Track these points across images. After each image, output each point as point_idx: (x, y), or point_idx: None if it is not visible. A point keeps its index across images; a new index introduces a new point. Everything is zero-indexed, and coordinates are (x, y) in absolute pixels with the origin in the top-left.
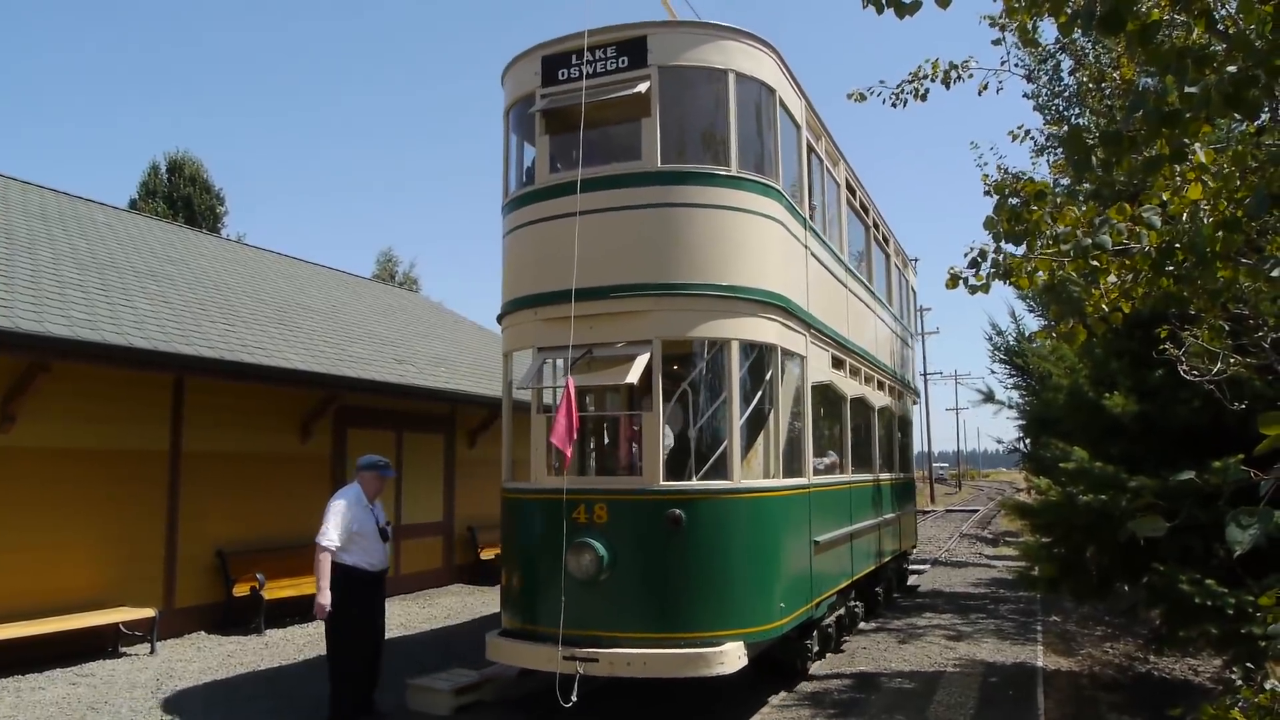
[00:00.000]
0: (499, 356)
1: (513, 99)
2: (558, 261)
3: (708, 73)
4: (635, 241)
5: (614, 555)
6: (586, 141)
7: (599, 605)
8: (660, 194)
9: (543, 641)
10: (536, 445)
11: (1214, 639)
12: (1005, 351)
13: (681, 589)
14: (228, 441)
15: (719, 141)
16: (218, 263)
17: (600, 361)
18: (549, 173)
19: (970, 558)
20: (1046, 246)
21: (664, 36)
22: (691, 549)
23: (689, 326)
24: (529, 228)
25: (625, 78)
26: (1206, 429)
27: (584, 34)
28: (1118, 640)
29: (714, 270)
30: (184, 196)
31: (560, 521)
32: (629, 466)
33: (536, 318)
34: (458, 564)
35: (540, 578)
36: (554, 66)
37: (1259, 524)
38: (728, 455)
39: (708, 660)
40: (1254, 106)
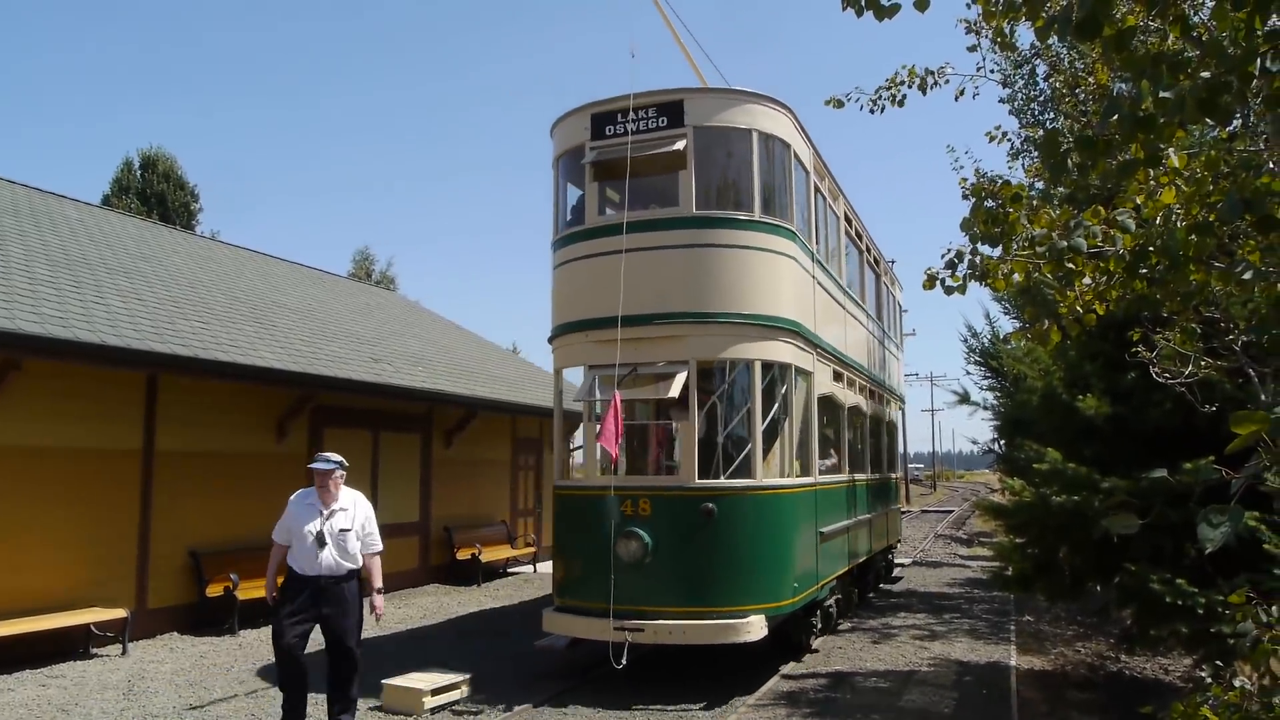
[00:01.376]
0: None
1: (562, 149)
2: (605, 291)
3: (735, 132)
4: (673, 276)
5: (656, 542)
6: (630, 189)
7: (644, 584)
8: (694, 236)
9: (595, 615)
10: (588, 449)
11: (1184, 638)
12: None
13: (713, 570)
14: (202, 441)
15: (744, 190)
16: (192, 260)
17: (642, 378)
18: (597, 215)
19: (945, 558)
20: (1022, 248)
21: (698, 100)
22: (721, 537)
23: (719, 349)
24: (579, 262)
25: (664, 135)
26: (1178, 431)
27: (629, 96)
28: (1090, 639)
29: (740, 301)
30: (158, 193)
31: (612, 511)
32: (658, 467)
33: (587, 340)
34: (434, 564)
35: (592, 561)
36: (602, 123)
37: (1229, 522)
38: (751, 457)
39: (736, 630)
40: (1227, 112)
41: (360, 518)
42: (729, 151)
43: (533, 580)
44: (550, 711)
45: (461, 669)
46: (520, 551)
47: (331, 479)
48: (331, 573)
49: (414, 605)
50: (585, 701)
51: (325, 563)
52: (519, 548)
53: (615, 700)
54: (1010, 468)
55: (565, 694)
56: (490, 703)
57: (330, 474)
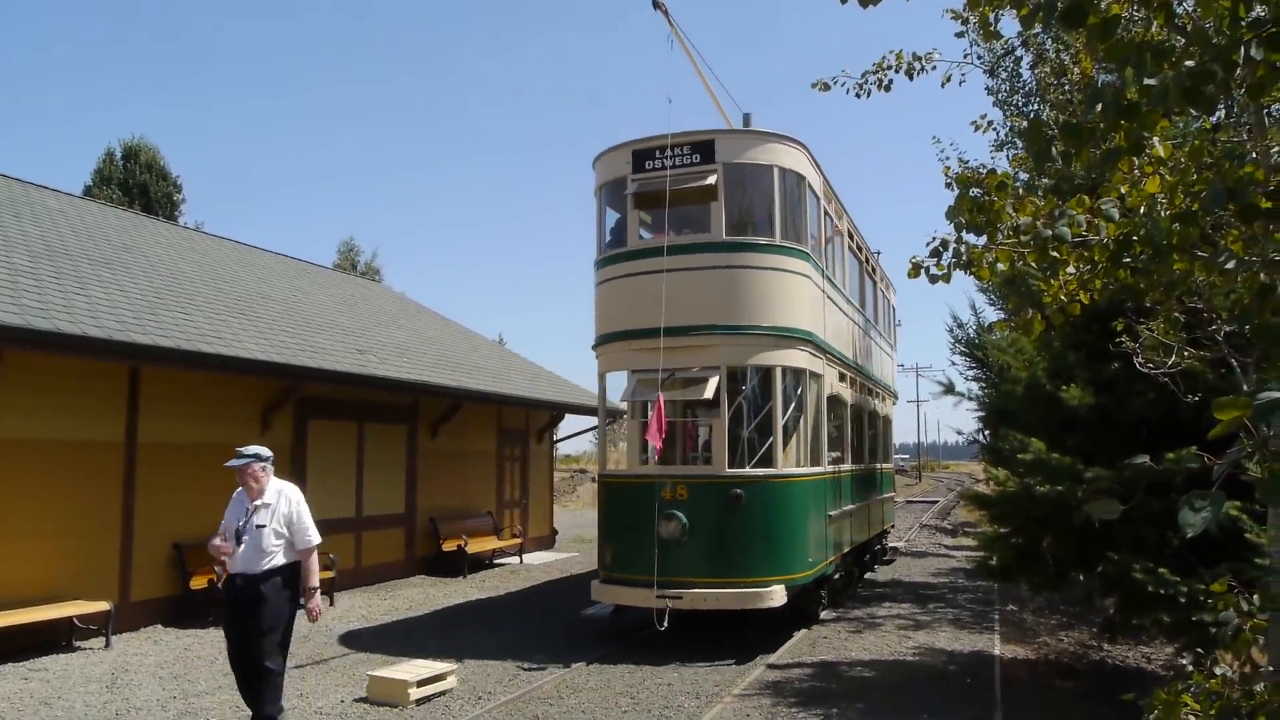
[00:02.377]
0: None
1: (604, 180)
2: (646, 305)
3: (759, 168)
4: (706, 292)
5: (693, 522)
6: (665, 218)
7: (681, 559)
8: (724, 258)
9: (639, 585)
10: (631, 442)
11: (1166, 626)
12: (965, 344)
13: (740, 546)
14: (185, 433)
15: (766, 218)
16: (175, 251)
17: (679, 381)
18: (639, 239)
19: (930, 548)
20: (1007, 237)
21: (727, 140)
22: (748, 518)
23: (746, 356)
24: (622, 279)
25: (698, 170)
26: (1161, 421)
27: (667, 135)
28: (1073, 629)
29: (763, 315)
30: (140, 183)
31: (656, 497)
32: (685, 458)
33: (629, 347)
34: (419, 556)
35: (636, 539)
36: (642, 158)
37: (1211, 507)
38: (773, 449)
39: (761, 597)
40: (1211, 101)
41: (282, 511)
42: (754, 184)
43: (519, 572)
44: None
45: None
46: (506, 543)
47: (249, 473)
48: (246, 572)
49: (399, 597)
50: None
51: (240, 562)
52: (505, 539)
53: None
54: (995, 458)
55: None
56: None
57: (246, 468)
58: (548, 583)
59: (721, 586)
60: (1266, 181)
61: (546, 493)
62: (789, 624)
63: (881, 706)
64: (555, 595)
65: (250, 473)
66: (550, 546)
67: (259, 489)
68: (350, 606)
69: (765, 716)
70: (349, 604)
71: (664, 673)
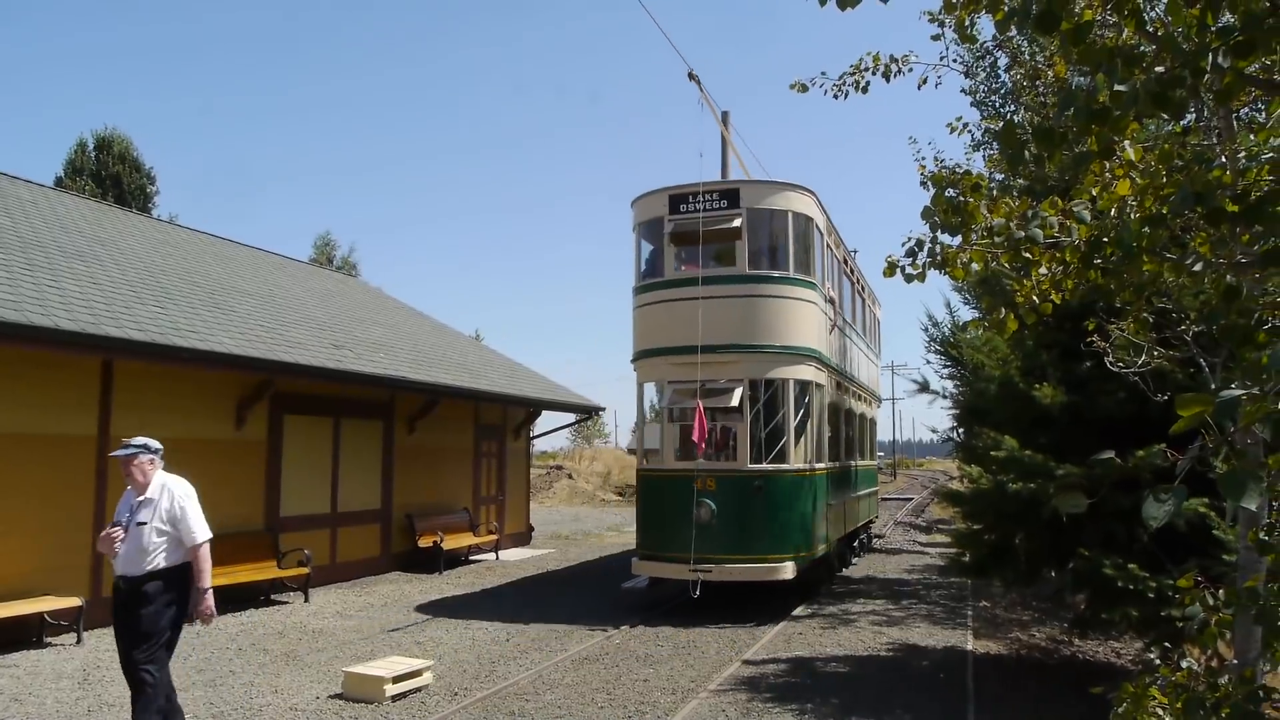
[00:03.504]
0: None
1: (642, 219)
2: (680, 326)
3: (776, 213)
4: (732, 317)
5: (720, 509)
6: (694, 251)
7: (711, 539)
8: (747, 289)
9: (675, 561)
10: (668, 441)
11: (1135, 621)
12: (940, 343)
13: (760, 529)
14: (159, 427)
15: (781, 254)
16: (149, 244)
17: (708, 390)
18: (674, 270)
19: (904, 545)
20: (981, 238)
21: (750, 189)
22: (766, 505)
23: (765, 371)
24: (659, 304)
25: (725, 214)
26: (1131, 419)
27: (699, 184)
28: (1044, 624)
29: (779, 336)
30: (113, 175)
31: (689, 488)
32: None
33: (666, 362)
34: (395, 552)
35: (673, 523)
36: (676, 202)
37: (1174, 500)
38: (786, 448)
39: (776, 571)
40: (1180, 106)
41: (164, 507)
42: (771, 226)
43: (495, 568)
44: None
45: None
46: (483, 539)
47: (134, 465)
48: (125, 573)
49: (375, 593)
50: (669, 624)
51: (121, 563)
52: (481, 535)
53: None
54: (969, 456)
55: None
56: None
57: (131, 460)
58: (526, 579)
59: (744, 562)
60: (1234, 185)
61: (523, 489)
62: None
63: (856, 702)
64: (539, 588)
65: (136, 465)
66: (527, 543)
67: (144, 483)
68: (325, 603)
69: (741, 712)
70: (324, 600)
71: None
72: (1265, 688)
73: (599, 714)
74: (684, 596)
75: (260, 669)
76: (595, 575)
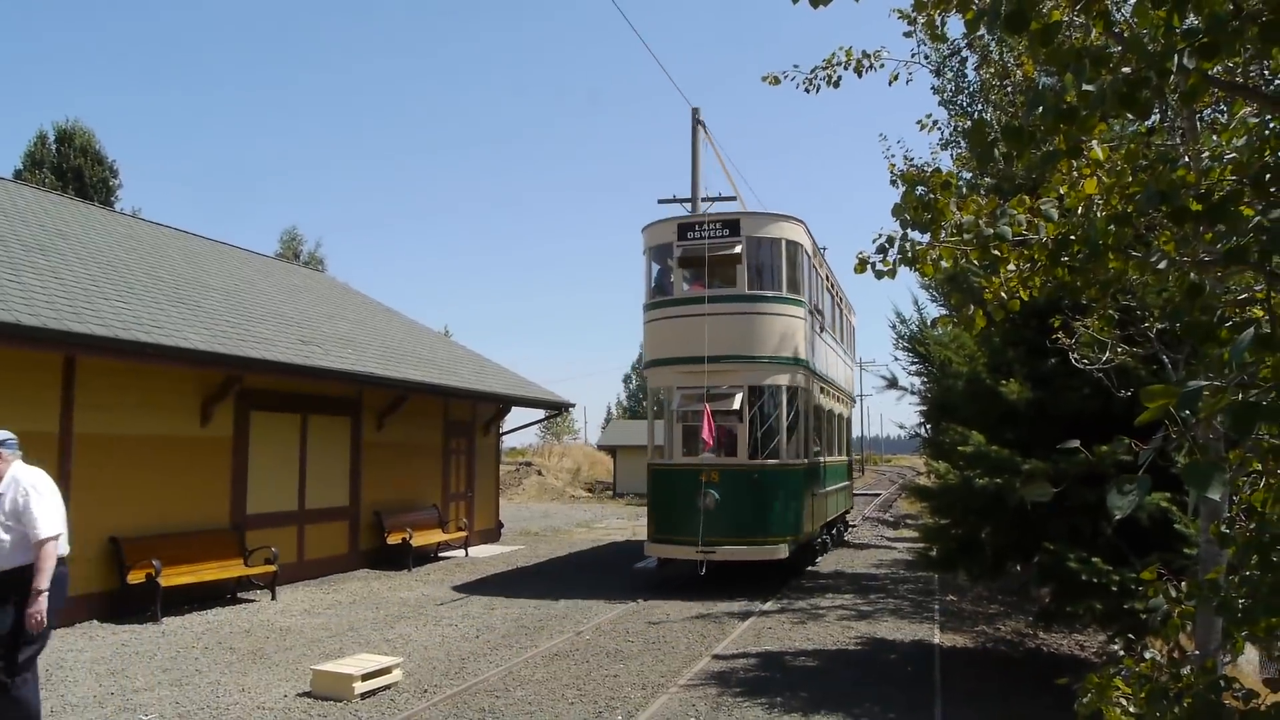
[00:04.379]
0: (407, 337)
1: (652, 244)
2: (688, 339)
3: (772, 240)
4: (732, 331)
5: (723, 498)
6: (700, 273)
7: (715, 524)
8: (745, 306)
9: (684, 544)
10: (676, 439)
11: (1099, 614)
12: (909, 339)
13: (758, 515)
14: (122, 424)
15: (775, 276)
16: (112, 238)
17: (713, 396)
18: (682, 290)
19: (872, 540)
20: (950, 235)
21: (749, 219)
22: (763, 494)
23: (761, 378)
24: (668, 319)
25: (727, 241)
26: (1096, 415)
27: (705, 215)
28: (1010, 618)
29: (773, 348)
30: (74, 168)
31: (697, 480)
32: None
33: (674, 371)
34: (363, 549)
35: (683, 510)
36: (684, 230)
37: (1137, 491)
38: (779, 445)
39: (771, 551)
40: (1146, 106)
41: (10, 498)
42: (767, 251)
43: (464, 565)
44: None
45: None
46: (452, 536)
47: None
48: None
49: (343, 590)
50: (678, 598)
51: None
52: (450, 532)
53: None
54: (936, 451)
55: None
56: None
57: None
58: (495, 575)
59: (744, 544)
60: (1197, 184)
61: (492, 486)
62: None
63: (825, 695)
64: (506, 585)
65: None
66: (496, 540)
67: None
68: (293, 601)
69: (711, 706)
70: (291, 598)
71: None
72: (1226, 678)
73: (569, 710)
74: (690, 575)
75: (227, 668)
76: (570, 568)
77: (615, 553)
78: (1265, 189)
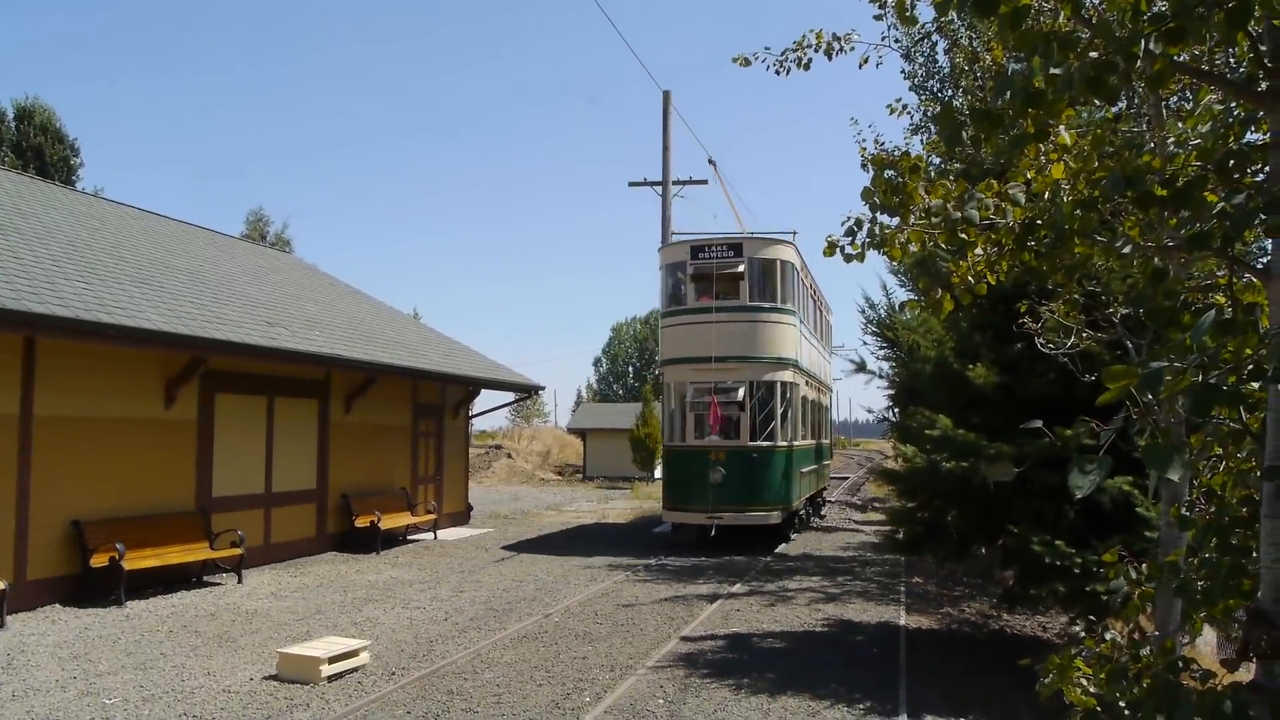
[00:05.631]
0: (375, 319)
1: (668, 262)
2: (699, 341)
3: (770, 260)
4: (736, 335)
5: (728, 472)
6: (709, 286)
7: (722, 494)
8: (748, 315)
9: (696, 511)
10: (689, 424)
11: (1062, 596)
12: (877, 324)
13: (756, 487)
14: (85, 406)
15: (772, 290)
16: (73, 217)
17: (720, 389)
18: (694, 300)
19: (840, 523)
20: (919, 219)
21: (750, 242)
22: (761, 470)
23: (760, 375)
24: (683, 325)
25: (732, 260)
26: (1061, 400)
27: (714, 237)
28: (974, 600)
29: (769, 349)
30: (34, 146)
31: (706, 459)
32: (722, 434)
33: (689, 368)
34: (330, 532)
35: (695, 483)
36: (696, 251)
37: (1099, 470)
38: (774, 430)
39: (766, 517)
40: (1113, 91)
41: None
42: (765, 269)
43: (433, 548)
44: (677, 558)
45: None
46: (420, 519)
47: None
48: None
49: (310, 574)
50: (692, 555)
51: None
52: (419, 515)
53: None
54: (903, 435)
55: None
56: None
57: None
58: (464, 559)
59: (745, 511)
60: (1163, 170)
61: (462, 469)
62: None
63: (792, 676)
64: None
65: None
66: (465, 522)
67: None
68: (260, 584)
69: (679, 687)
70: (258, 581)
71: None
72: (1184, 658)
73: (537, 692)
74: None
75: (192, 651)
76: (543, 548)
77: (586, 535)
78: (1229, 175)
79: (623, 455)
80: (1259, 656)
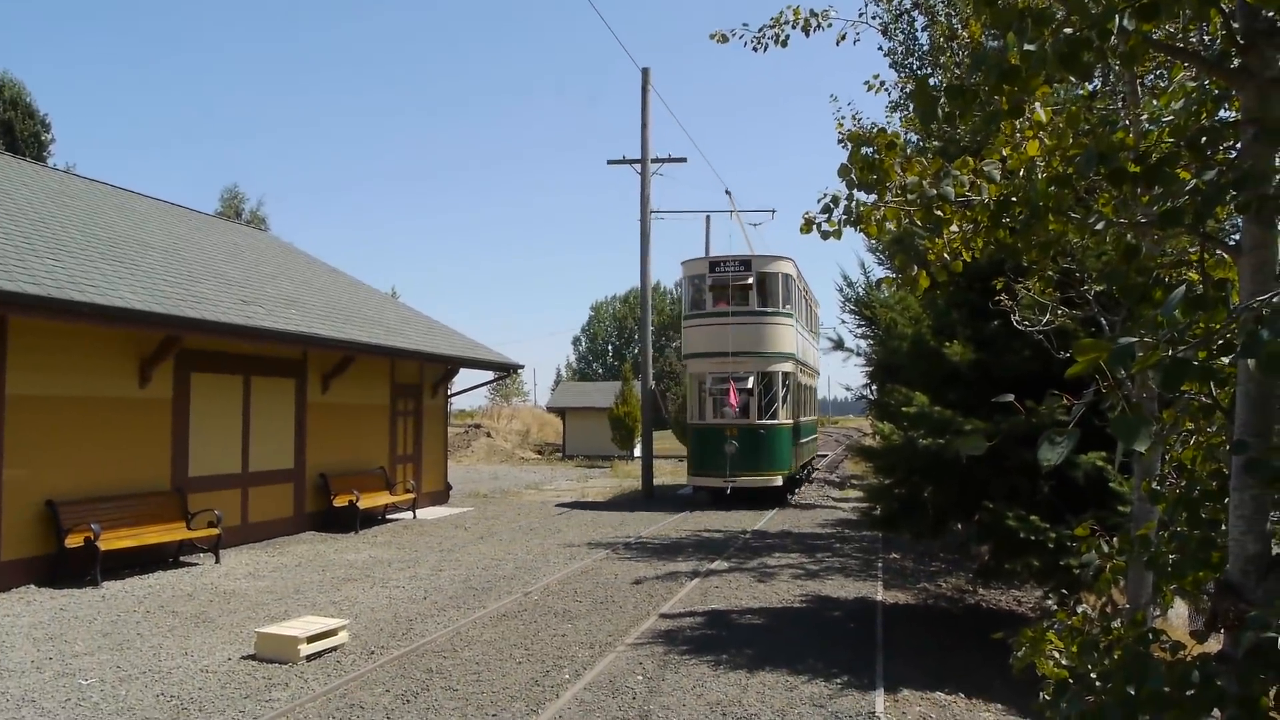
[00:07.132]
0: (352, 298)
1: (690, 274)
2: (717, 339)
3: (774, 273)
4: (747, 335)
5: (740, 445)
6: (727, 296)
7: (735, 463)
8: (756, 319)
9: (715, 476)
10: (709, 406)
11: (1036, 570)
12: (855, 302)
13: (763, 457)
14: (58, 385)
15: (776, 298)
16: (44, 194)
17: (734, 378)
18: (712, 306)
19: (818, 500)
20: (895, 196)
21: (758, 259)
22: (767, 443)
23: (766, 366)
24: (703, 326)
25: (743, 274)
26: (1036, 376)
27: (729, 255)
28: (951, 575)
29: (774, 345)
30: (3, 121)
31: (724, 434)
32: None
33: (708, 361)
34: (308, 511)
35: (714, 453)
36: (713, 265)
37: (1068, 441)
38: (778, 410)
39: (772, 481)
40: (1087, 68)
41: None
42: (770, 280)
43: (412, 527)
44: (698, 512)
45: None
46: (399, 498)
47: None
48: None
49: (289, 554)
50: (711, 509)
51: None
52: (398, 494)
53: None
54: (881, 412)
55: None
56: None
57: None
58: (443, 538)
59: (754, 476)
60: (1136, 147)
61: (440, 448)
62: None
63: (770, 651)
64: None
65: None
66: (445, 502)
67: None
68: (237, 564)
69: (658, 664)
70: (235, 561)
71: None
72: (1155, 630)
73: (516, 669)
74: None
75: (169, 631)
76: (520, 531)
77: (565, 513)
78: (1201, 151)
79: (602, 434)
80: (1227, 628)
